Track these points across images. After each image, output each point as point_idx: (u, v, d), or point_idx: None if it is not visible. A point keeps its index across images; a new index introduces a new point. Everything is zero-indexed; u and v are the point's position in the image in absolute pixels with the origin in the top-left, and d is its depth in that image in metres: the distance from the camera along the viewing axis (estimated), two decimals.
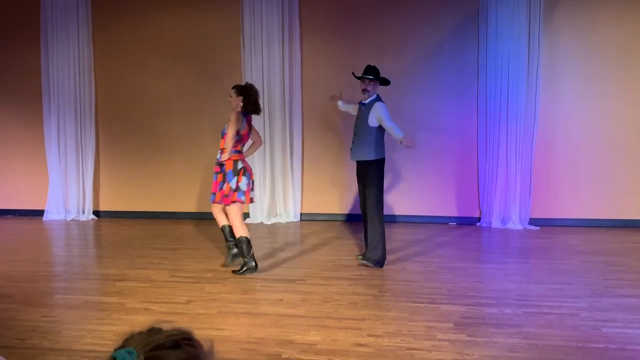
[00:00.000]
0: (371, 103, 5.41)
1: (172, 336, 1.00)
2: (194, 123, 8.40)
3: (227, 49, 8.20)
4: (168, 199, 8.58)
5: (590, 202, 7.45)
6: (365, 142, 5.40)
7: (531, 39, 7.27)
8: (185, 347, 0.99)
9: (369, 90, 5.43)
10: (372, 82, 5.43)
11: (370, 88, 5.43)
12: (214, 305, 4.31)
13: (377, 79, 5.45)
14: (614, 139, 7.35)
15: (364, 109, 5.46)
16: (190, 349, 1.00)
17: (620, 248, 6.20)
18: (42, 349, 3.47)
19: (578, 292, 4.48)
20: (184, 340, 1.01)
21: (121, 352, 0.94)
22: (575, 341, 3.44)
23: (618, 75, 7.27)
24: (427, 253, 6.05)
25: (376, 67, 5.52)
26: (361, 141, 5.45)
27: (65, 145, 8.65)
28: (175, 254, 6.13)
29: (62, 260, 6.26)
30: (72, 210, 8.71)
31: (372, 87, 5.43)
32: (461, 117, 7.71)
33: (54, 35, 8.51)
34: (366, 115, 5.39)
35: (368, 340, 3.53)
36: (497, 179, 7.53)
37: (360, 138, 5.47)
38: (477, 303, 4.25)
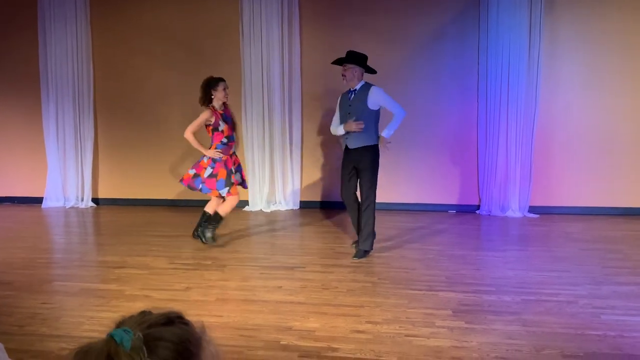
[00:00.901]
0: (365, 88, 5.25)
1: (164, 315, 1.03)
2: (193, 110, 8.32)
3: (226, 36, 8.15)
4: (167, 186, 8.57)
5: (589, 190, 7.44)
6: (365, 127, 5.23)
7: (532, 26, 7.22)
8: (178, 324, 1.03)
9: (345, 76, 5.25)
10: (351, 68, 5.22)
11: (348, 74, 5.24)
12: (213, 292, 4.32)
13: (354, 62, 5.21)
14: (614, 127, 7.32)
15: (357, 94, 5.26)
16: (183, 326, 1.03)
17: (619, 236, 6.20)
18: (41, 336, 3.47)
19: (577, 280, 4.48)
20: (177, 318, 1.04)
21: (118, 331, 0.96)
22: (574, 328, 3.44)
23: (619, 64, 7.24)
24: (426, 240, 6.05)
25: (360, 53, 5.30)
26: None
27: (64, 133, 8.63)
28: (174, 241, 6.13)
29: (61, 248, 6.26)
30: (71, 198, 8.71)
31: (349, 73, 5.23)
32: (461, 104, 7.68)
33: (52, 23, 8.46)
34: (363, 99, 5.22)
35: (367, 327, 3.53)
36: (497, 167, 7.52)
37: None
38: (476, 290, 4.25)
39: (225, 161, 5.62)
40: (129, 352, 0.93)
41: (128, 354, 0.93)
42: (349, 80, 5.28)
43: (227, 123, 5.63)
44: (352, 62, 5.24)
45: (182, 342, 1.00)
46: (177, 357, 0.98)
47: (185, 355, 0.99)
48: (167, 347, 0.97)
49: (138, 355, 0.93)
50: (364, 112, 5.25)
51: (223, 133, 5.59)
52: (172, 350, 0.97)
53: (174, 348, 0.98)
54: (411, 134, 7.75)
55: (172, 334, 0.99)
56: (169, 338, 0.99)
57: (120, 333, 0.95)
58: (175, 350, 0.98)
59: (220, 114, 5.60)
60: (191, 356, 1.00)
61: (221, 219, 5.74)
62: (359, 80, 5.30)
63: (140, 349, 0.94)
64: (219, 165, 5.57)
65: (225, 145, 5.65)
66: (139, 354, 0.93)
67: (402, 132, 7.72)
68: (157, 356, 0.95)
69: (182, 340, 1.00)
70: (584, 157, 7.42)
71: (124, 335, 0.95)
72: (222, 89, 5.55)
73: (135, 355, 0.93)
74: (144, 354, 0.93)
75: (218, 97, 5.56)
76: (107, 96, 8.67)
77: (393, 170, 7.89)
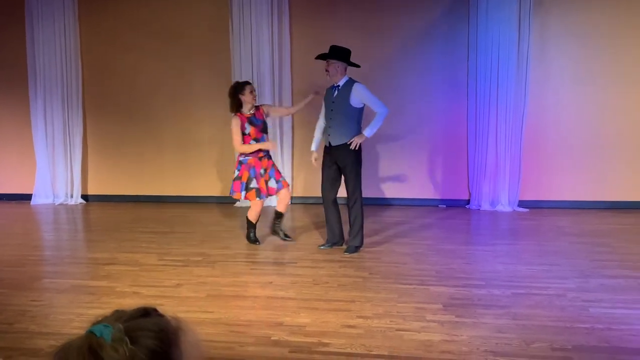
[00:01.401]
0: (349, 84, 5.20)
1: (139, 309, 1.05)
2: (183, 106, 8.34)
3: (216, 31, 8.11)
4: (157, 182, 8.54)
5: (578, 184, 7.50)
6: (346, 124, 5.19)
7: (522, 21, 7.25)
8: (155, 315, 1.05)
9: (328, 71, 5.21)
10: (334, 64, 5.18)
11: (331, 69, 5.20)
12: (203, 288, 4.31)
13: (337, 57, 5.17)
14: (603, 122, 7.37)
15: (341, 91, 5.21)
16: (160, 318, 1.05)
17: (607, 230, 6.25)
18: (31, 333, 3.45)
19: (566, 273, 4.52)
20: (152, 310, 1.06)
21: (97, 326, 0.96)
22: (563, 321, 3.47)
23: (608, 58, 7.28)
24: (416, 235, 6.07)
25: (344, 48, 5.26)
26: (341, 124, 5.21)
27: (53, 129, 8.57)
28: (165, 237, 6.11)
29: (50, 245, 6.23)
30: (60, 194, 8.66)
31: (332, 68, 5.19)
32: (451, 99, 7.70)
33: (40, 19, 8.39)
34: (346, 96, 5.16)
35: (357, 322, 3.54)
36: (487, 162, 7.55)
37: (340, 121, 5.22)
38: (466, 284, 4.27)
39: (251, 164, 5.54)
40: (112, 343, 0.93)
41: (111, 345, 0.93)
42: (332, 76, 5.23)
43: (253, 125, 5.51)
44: (335, 57, 5.19)
45: (162, 330, 1.01)
46: (160, 344, 0.99)
47: (167, 343, 1.00)
48: (149, 335, 0.98)
49: (121, 346, 0.93)
50: (346, 109, 5.20)
51: (250, 136, 5.50)
52: (153, 339, 0.98)
53: (155, 336, 0.99)
54: (401, 129, 7.76)
55: (151, 324, 1.01)
56: (149, 327, 1.00)
57: (99, 328, 0.95)
58: (156, 338, 0.99)
59: (247, 118, 5.52)
60: (172, 344, 1.02)
61: (250, 223, 5.75)
62: (342, 75, 5.24)
63: (122, 339, 0.94)
64: (244, 168, 5.54)
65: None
66: (121, 345, 0.94)
67: (393, 128, 7.75)
68: (140, 345, 0.96)
69: (162, 329, 1.02)
70: (573, 151, 7.46)
71: (103, 329, 0.95)
72: (250, 92, 5.50)
73: (119, 346, 0.93)
74: (127, 343, 0.94)
75: (246, 100, 5.51)
76: (96, 92, 8.61)
77: (384, 165, 7.91)
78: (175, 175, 8.49)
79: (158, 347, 0.98)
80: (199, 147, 8.36)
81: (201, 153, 8.36)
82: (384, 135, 7.81)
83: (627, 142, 7.35)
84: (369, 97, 5.19)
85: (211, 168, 8.38)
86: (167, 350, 1.00)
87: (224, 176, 8.29)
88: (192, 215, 7.43)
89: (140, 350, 0.95)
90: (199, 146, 8.36)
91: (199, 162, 8.41)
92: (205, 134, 8.32)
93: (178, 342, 1.04)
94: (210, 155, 8.34)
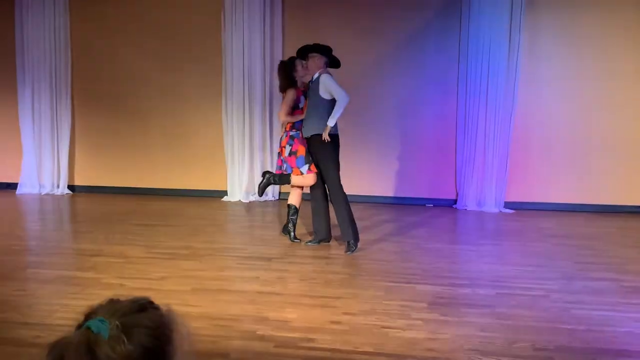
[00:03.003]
0: (318, 77, 5.22)
1: (136, 301, 1.05)
2: (172, 98, 8.29)
3: (208, 25, 8.08)
4: (144, 174, 8.50)
5: (565, 187, 7.56)
6: (315, 115, 5.21)
7: (512, 24, 7.29)
8: (150, 309, 1.06)
9: (308, 67, 5.29)
10: (314, 57, 5.24)
11: (310, 62, 5.27)
12: (189, 282, 4.30)
13: (315, 50, 5.23)
14: (590, 124, 7.44)
15: (313, 83, 5.27)
16: (156, 311, 1.06)
17: (592, 232, 6.31)
18: (13, 323, 3.42)
19: (550, 275, 4.56)
20: (148, 303, 1.07)
21: (94, 322, 0.96)
22: (546, 321, 3.51)
23: (597, 61, 7.34)
24: (403, 234, 6.10)
25: (317, 44, 5.31)
26: (311, 115, 5.25)
27: (40, 118, 8.49)
28: (152, 230, 6.09)
29: (35, 235, 6.18)
30: (46, 184, 8.59)
31: (312, 62, 5.26)
32: (441, 100, 7.73)
33: (29, 7, 8.30)
34: (316, 89, 5.21)
35: (343, 318, 3.55)
36: (475, 162, 7.60)
37: (310, 112, 5.27)
38: (451, 283, 4.30)
39: (302, 138, 5.40)
40: (109, 340, 0.94)
41: (108, 342, 0.94)
42: (310, 69, 5.29)
43: (306, 99, 5.44)
44: (316, 50, 5.25)
45: (159, 326, 1.02)
46: (155, 341, 1.00)
47: (162, 339, 1.02)
48: (145, 332, 0.99)
49: (118, 343, 0.94)
50: (316, 101, 5.23)
51: (302, 110, 5.42)
52: (149, 336, 0.99)
53: (151, 333, 1.00)
54: (390, 128, 7.80)
55: (148, 320, 1.02)
56: (145, 324, 1.00)
57: (96, 323, 0.96)
58: (152, 335, 1.00)
59: (302, 91, 5.47)
60: (167, 339, 1.03)
61: (296, 209, 5.55)
62: (319, 69, 5.26)
63: (120, 337, 0.95)
64: (297, 142, 5.38)
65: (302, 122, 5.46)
66: (118, 342, 0.94)
67: (382, 126, 7.79)
68: (135, 342, 0.97)
69: (158, 325, 1.03)
70: (559, 154, 7.53)
71: (100, 325, 0.95)
72: (300, 66, 5.40)
73: (115, 344, 0.94)
74: (124, 341, 0.95)
75: (299, 75, 5.42)
76: (84, 81, 8.54)
77: (371, 163, 7.93)
78: (163, 169, 8.45)
79: (153, 344, 0.99)
80: (187, 140, 8.33)
81: (190, 147, 8.34)
82: (372, 133, 7.84)
83: (614, 146, 7.42)
84: (331, 84, 5.13)
85: (200, 162, 8.35)
86: (162, 346, 1.01)
87: (212, 170, 8.27)
88: (179, 209, 7.40)
89: (136, 348, 0.96)
90: (187, 140, 8.33)
91: (188, 155, 8.38)
92: (193, 128, 8.29)
93: (172, 336, 1.05)
94: (199, 149, 8.32)
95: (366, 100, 7.79)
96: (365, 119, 7.85)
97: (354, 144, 7.91)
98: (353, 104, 7.87)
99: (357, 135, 7.83)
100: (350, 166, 7.98)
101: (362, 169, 7.91)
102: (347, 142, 7.94)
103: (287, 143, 5.42)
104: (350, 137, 7.94)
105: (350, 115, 7.88)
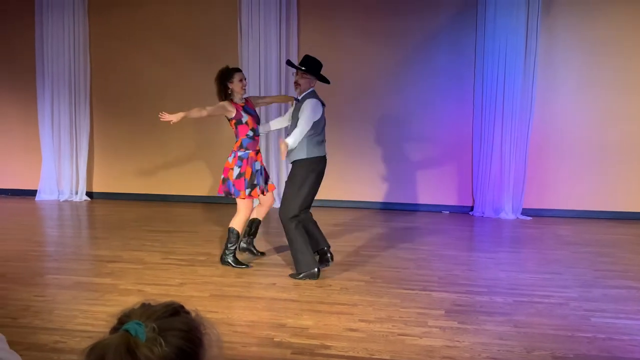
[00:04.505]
0: (304, 98, 4.71)
1: (168, 306, 1.09)
2: (189, 106, 8.31)
3: (224, 33, 8.13)
4: (161, 181, 8.56)
5: (583, 194, 7.49)
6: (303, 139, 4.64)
7: (529, 29, 7.24)
8: (182, 313, 1.10)
9: (300, 85, 4.74)
10: (305, 76, 4.73)
11: (302, 82, 4.73)
12: (207, 288, 4.33)
13: (309, 71, 4.74)
14: (608, 130, 7.36)
15: (297, 104, 4.76)
16: (187, 315, 1.11)
17: (611, 239, 6.24)
18: (34, 328, 3.48)
19: (568, 282, 4.52)
20: (179, 307, 1.11)
21: (132, 325, 1.00)
22: (564, 330, 3.48)
23: (615, 67, 7.27)
24: (419, 241, 6.08)
25: (316, 59, 4.81)
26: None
27: (59, 125, 8.60)
28: (169, 236, 6.13)
29: (54, 241, 6.26)
30: (65, 191, 8.68)
31: (304, 82, 4.73)
32: (457, 106, 7.70)
33: (49, 14, 8.42)
34: (298, 112, 4.71)
35: (360, 325, 3.55)
36: (491, 169, 7.55)
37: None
38: (469, 291, 4.28)
39: (252, 158, 4.99)
40: (147, 342, 0.98)
41: (146, 345, 0.97)
42: (303, 88, 4.76)
43: (250, 115, 5.00)
44: (308, 70, 4.75)
45: (191, 330, 1.06)
46: (188, 344, 1.04)
47: (194, 342, 1.06)
48: (179, 335, 1.03)
49: (155, 346, 0.98)
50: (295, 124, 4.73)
51: (248, 125, 4.94)
52: (183, 338, 1.03)
53: (184, 336, 1.04)
54: (406, 134, 7.78)
55: (181, 323, 1.06)
56: (179, 327, 1.04)
57: (133, 326, 0.99)
58: (185, 338, 1.04)
59: (241, 106, 5.00)
60: (199, 342, 1.07)
61: (237, 235, 4.99)
62: (308, 88, 4.77)
63: (156, 340, 0.98)
64: (246, 163, 4.93)
65: (252, 139, 5.00)
66: (155, 344, 0.98)
67: (397, 132, 7.78)
68: (170, 345, 1.00)
69: (191, 328, 1.07)
70: (577, 160, 7.46)
71: (137, 328, 0.99)
72: (239, 80, 4.94)
73: (153, 346, 0.98)
74: (161, 344, 0.98)
75: (235, 89, 4.94)
76: (103, 89, 8.64)
77: (387, 170, 7.92)
78: (180, 175, 8.50)
79: (187, 347, 1.03)
80: (204, 147, 8.39)
81: (206, 153, 8.39)
82: (389, 139, 7.83)
83: (632, 152, 7.33)
84: (306, 109, 4.63)
85: (216, 168, 8.39)
86: (194, 349, 1.05)
87: None
88: (196, 215, 7.45)
89: (172, 350, 1.00)
90: (204, 147, 8.39)
91: (204, 162, 8.43)
92: (210, 135, 8.34)
93: (203, 339, 1.09)
94: (215, 156, 8.35)
95: (381, 105, 7.80)
96: (381, 125, 7.85)
97: (369, 150, 7.93)
98: (369, 109, 7.93)
99: (372, 141, 7.83)
100: (365, 173, 7.99)
101: (376, 175, 7.90)
102: (363, 148, 7.99)
103: (235, 164, 4.94)
104: (366, 143, 7.96)
105: (366, 121, 7.91)
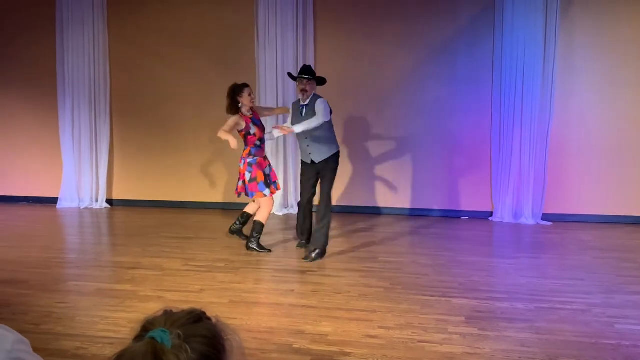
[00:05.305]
0: (313, 101, 5.48)
1: (191, 313, 1.11)
2: (208, 114, 8.41)
3: (241, 41, 8.19)
4: (181, 188, 8.62)
5: (604, 199, 7.38)
6: (323, 138, 5.52)
7: (547, 32, 7.19)
8: (205, 320, 1.11)
9: (307, 91, 5.49)
10: (310, 83, 5.48)
11: (309, 88, 5.49)
12: (226, 294, 4.34)
13: (314, 78, 5.52)
14: (630, 134, 7.27)
15: (308, 109, 5.50)
16: (210, 322, 1.12)
17: (634, 245, 6.15)
18: (57, 334, 3.51)
19: (590, 288, 4.46)
20: (202, 314, 1.12)
21: (157, 332, 1.01)
22: (588, 337, 3.43)
23: (635, 71, 7.18)
24: (439, 246, 6.04)
25: (310, 66, 5.73)
26: (318, 139, 5.52)
27: (80, 133, 8.71)
28: (188, 243, 6.17)
29: (75, 248, 6.32)
30: (85, 199, 8.78)
31: (310, 88, 5.49)
32: (475, 110, 7.65)
33: (69, 24, 8.55)
34: (312, 113, 5.44)
35: (379, 332, 3.53)
36: (510, 174, 7.48)
37: (316, 138, 5.52)
38: (489, 297, 4.24)
39: (259, 163, 5.71)
40: (173, 349, 0.98)
41: (173, 352, 0.98)
42: (310, 95, 5.52)
43: (257, 126, 5.73)
44: (314, 79, 5.53)
45: (215, 336, 1.07)
46: (212, 350, 1.05)
47: (217, 348, 1.07)
48: (203, 342, 1.04)
49: (181, 352, 0.98)
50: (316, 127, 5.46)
51: (255, 136, 5.68)
52: (207, 345, 1.04)
53: (208, 342, 1.05)
54: (424, 139, 7.75)
55: (205, 330, 1.07)
56: (203, 334, 1.05)
57: (159, 333, 1.00)
58: (209, 344, 1.05)
59: (250, 118, 5.70)
60: (222, 348, 1.09)
61: (262, 226, 5.75)
62: (313, 91, 5.58)
63: (182, 346, 0.99)
64: (255, 169, 5.65)
65: (259, 147, 5.75)
66: (181, 351, 0.99)
67: (415, 137, 7.75)
68: (195, 352, 1.01)
69: (214, 335, 1.08)
70: (598, 164, 7.36)
71: (163, 335, 0.99)
72: (248, 95, 5.65)
73: (179, 353, 0.98)
74: (187, 350, 0.99)
75: (245, 103, 5.65)
76: (123, 98, 8.74)
77: (406, 175, 7.89)
78: (199, 182, 8.56)
79: (211, 353, 1.04)
80: (223, 154, 8.43)
81: (225, 160, 8.43)
82: (407, 145, 7.81)
83: None
84: (321, 107, 5.38)
85: (233, 175, 8.42)
86: (218, 355, 1.06)
87: None
88: (215, 222, 7.49)
89: (197, 356, 1.01)
90: (223, 154, 8.43)
91: (223, 169, 8.48)
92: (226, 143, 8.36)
93: (227, 347, 1.10)
94: (234, 163, 8.39)
95: (399, 111, 7.78)
96: (399, 130, 7.83)
97: (388, 155, 7.91)
98: (386, 115, 7.91)
99: (391, 146, 7.82)
100: (384, 179, 7.97)
101: (395, 181, 7.88)
102: (381, 153, 7.97)
103: (246, 170, 5.66)
104: (385, 148, 7.95)
105: (384, 126, 7.90)
